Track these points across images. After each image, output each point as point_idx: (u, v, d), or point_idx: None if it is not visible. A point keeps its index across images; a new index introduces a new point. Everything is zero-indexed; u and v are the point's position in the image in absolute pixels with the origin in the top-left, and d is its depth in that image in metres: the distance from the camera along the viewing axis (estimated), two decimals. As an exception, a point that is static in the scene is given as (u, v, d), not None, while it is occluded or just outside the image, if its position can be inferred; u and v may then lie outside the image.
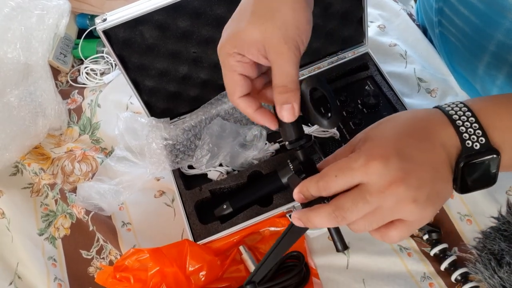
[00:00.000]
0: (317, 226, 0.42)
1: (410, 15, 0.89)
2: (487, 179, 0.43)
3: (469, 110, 0.42)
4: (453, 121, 0.42)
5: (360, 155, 0.40)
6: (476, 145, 0.41)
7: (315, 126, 0.71)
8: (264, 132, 0.72)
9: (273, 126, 0.47)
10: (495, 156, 0.41)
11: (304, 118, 0.46)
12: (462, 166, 0.41)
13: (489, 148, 0.41)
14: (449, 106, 0.44)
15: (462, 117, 0.42)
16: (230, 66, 0.47)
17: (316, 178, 0.42)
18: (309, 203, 0.44)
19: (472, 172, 0.42)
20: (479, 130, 0.41)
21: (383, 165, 0.39)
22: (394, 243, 0.56)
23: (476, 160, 0.41)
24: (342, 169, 0.40)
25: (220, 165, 0.73)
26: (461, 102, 0.43)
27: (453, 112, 0.42)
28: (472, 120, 0.41)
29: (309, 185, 0.43)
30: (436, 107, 0.45)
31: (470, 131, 0.41)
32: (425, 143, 0.41)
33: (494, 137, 0.41)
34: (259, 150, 0.71)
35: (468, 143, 0.41)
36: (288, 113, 0.44)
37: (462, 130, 0.41)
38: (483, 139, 0.41)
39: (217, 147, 0.71)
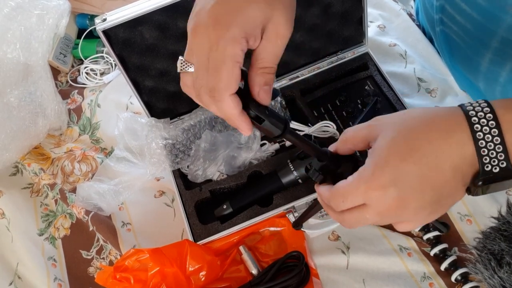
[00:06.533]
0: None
1: (410, 15, 0.89)
2: (501, 188, 0.41)
3: (497, 125, 0.38)
4: (476, 140, 0.39)
5: (360, 183, 0.42)
6: (495, 169, 0.39)
7: (315, 126, 0.71)
8: (258, 133, 0.72)
9: (249, 131, 0.44)
10: None
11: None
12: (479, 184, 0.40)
13: (508, 170, 0.39)
14: (476, 114, 0.39)
15: (487, 136, 0.38)
16: (233, 56, 0.40)
17: (327, 197, 0.45)
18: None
19: (487, 187, 0.40)
20: (501, 154, 0.38)
21: (381, 195, 0.41)
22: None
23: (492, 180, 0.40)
24: (346, 196, 0.43)
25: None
26: (490, 110, 0.39)
27: (479, 127, 0.38)
28: (497, 141, 0.38)
29: (321, 197, 0.47)
30: (461, 107, 0.41)
31: (492, 154, 0.38)
32: (433, 172, 0.40)
33: None
34: (254, 152, 0.71)
35: (487, 167, 0.39)
36: (268, 95, 0.43)
37: (484, 152, 0.38)
38: (504, 162, 0.38)
39: (209, 160, 0.71)
